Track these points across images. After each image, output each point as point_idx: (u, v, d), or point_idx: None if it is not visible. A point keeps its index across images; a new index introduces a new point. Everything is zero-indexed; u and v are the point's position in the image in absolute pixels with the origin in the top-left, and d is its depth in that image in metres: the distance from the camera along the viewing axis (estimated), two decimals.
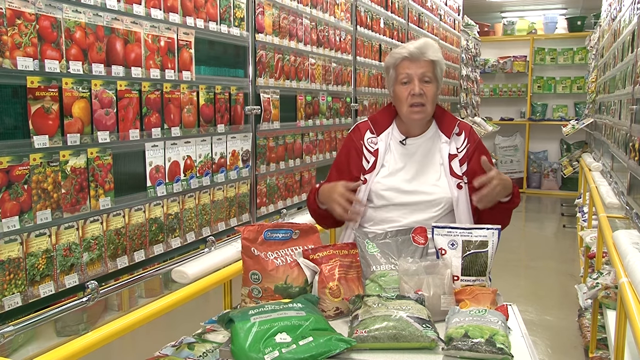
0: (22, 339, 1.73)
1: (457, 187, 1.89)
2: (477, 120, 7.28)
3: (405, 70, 1.88)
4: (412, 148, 1.96)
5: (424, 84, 1.87)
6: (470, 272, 1.69)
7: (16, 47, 1.31)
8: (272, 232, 1.72)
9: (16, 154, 1.32)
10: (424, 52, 1.87)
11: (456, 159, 1.92)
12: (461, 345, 1.34)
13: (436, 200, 1.88)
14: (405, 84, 1.88)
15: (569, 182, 8.53)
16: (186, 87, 1.86)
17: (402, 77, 1.89)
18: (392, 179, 1.92)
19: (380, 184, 1.91)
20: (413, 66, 1.87)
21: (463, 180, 1.90)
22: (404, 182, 1.91)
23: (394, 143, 1.97)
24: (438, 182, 1.91)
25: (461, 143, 1.95)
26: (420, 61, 1.87)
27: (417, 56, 1.87)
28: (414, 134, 1.97)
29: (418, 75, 1.86)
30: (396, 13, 4.15)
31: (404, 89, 1.89)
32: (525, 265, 5.36)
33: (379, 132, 1.98)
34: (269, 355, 1.28)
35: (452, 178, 1.90)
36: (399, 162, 1.94)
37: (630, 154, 2.86)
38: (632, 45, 3.16)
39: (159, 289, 2.29)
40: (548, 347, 3.56)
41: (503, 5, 8.96)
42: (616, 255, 2.18)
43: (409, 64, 1.88)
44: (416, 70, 1.87)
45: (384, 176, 1.93)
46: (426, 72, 1.87)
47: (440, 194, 1.89)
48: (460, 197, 1.89)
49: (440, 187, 1.90)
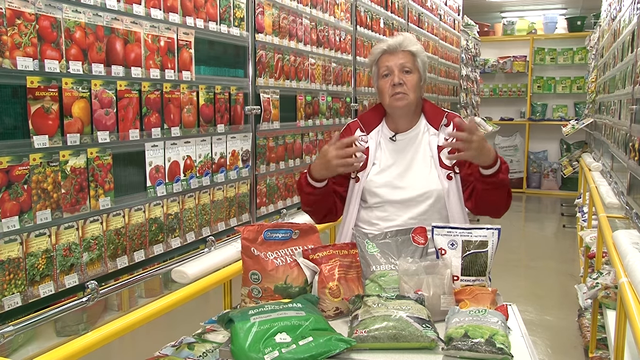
0: (22, 339, 1.73)
1: (447, 177, 1.89)
2: (477, 120, 7.28)
3: (385, 63, 1.91)
4: (402, 144, 1.96)
5: (404, 74, 1.89)
6: (470, 272, 1.69)
7: (16, 47, 1.31)
8: (272, 232, 1.71)
9: (16, 154, 1.32)
10: (401, 44, 1.91)
11: (445, 150, 1.91)
12: (461, 345, 1.34)
13: (427, 193, 1.88)
14: (387, 76, 1.91)
15: (569, 182, 8.53)
16: (186, 87, 1.86)
17: (383, 70, 1.91)
18: (384, 175, 1.93)
19: (372, 181, 1.92)
20: (392, 58, 1.90)
21: (453, 171, 1.90)
22: (396, 178, 1.92)
23: (384, 140, 1.98)
24: (429, 175, 1.91)
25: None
26: (398, 53, 1.91)
27: (395, 48, 1.91)
28: (402, 129, 1.97)
29: (398, 66, 1.89)
30: (396, 13, 4.15)
31: (385, 81, 1.91)
32: (525, 265, 5.36)
33: (369, 130, 1.99)
34: (268, 355, 1.28)
35: (442, 169, 1.90)
36: (389, 159, 1.95)
37: (630, 154, 2.86)
38: (632, 45, 3.16)
39: (159, 289, 2.29)
40: (548, 347, 3.56)
41: (503, 5, 8.96)
42: (616, 255, 2.18)
43: (388, 56, 1.91)
44: (396, 61, 1.89)
45: (376, 173, 1.94)
46: (405, 62, 1.89)
47: (431, 186, 1.89)
48: (451, 188, 1.89)
49: (430, 180, 1.90)
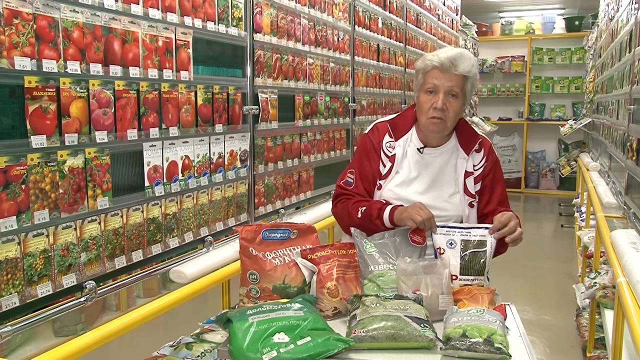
0: (19, 339, 1.72)
1: (469, 205, 1.85)
2: (475, 120, 7.28)
3: (433, 80, 1.79)
4: (429, 158, 1.89)
5: (449, 98, 1.78)
6: (469, 272, 1.69)
7: (13, 47, 1.30)
8: (270, 232, 1.71)
9: (14, 154, 1.31)
10: (455, 65, 1.76)
11: (471, 177, 1.86)
12: (459, 344, 1.34)
13: (447, 216, 1.83)
14: (430, 93, 1.80)
15: (567, 181, 8.55)
16: (184, 87, 1.86)
17: (429, 86, 1.80)
18: (404, 189, 1.87)
19: (392, 192, 1.86)
20: (442, 77, 1.77)
21: (475, 199, 1.86)
22: (417, 195, 1.85)
23: (411, 150, 1.90)
24: (451, 198, 1.86)
25: (479, 161, 1.89)
26: (450, 74, 1.77)
27: (448, 68, 1.77)
28: (432, 144, 1.89)
29: (445, 88, 1.77)
30: (394, 13, 4.15)
31: (427, 98, 1.80)
32: (523, 265, 5.36)
33: (398, 137, 1.91)
34: (267, 355, 1.28)
35: (464, 196, 1.85)
36: (413, 171, 1.88)
37: (627, 153, 2.86)
38: (629, 45, 3.16)
39: (157, 289, 2.28)
40: (546, 347, 3.56)
41: (501, 5, 8.97)
42: (614, 255, 2.18)
43: (439, 74, 1.78)
44: (444, 82, 1.77)
45: (397, 184, 1.87)
46: (454, 86, 1.77)
47: (452, 211, 1.85)
48: (471, 215, 1.86)
49: (452, 203, 1.86)
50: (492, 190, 1.89)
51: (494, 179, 1.90)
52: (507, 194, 1.95)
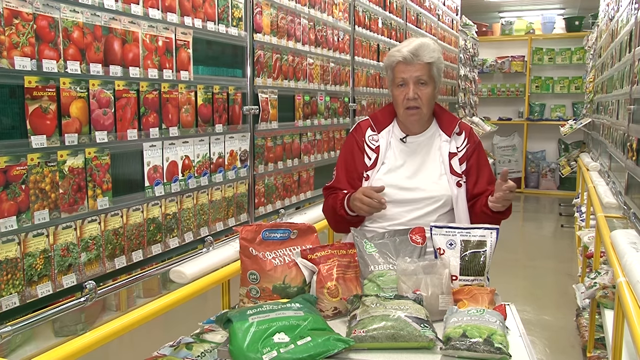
0: (19, 339, 1.72)
1: (456, 185, 1.92)
2: (475, 120, 7.28)
3: (401, 74, 1.90)
4: (412, 146, 1.98)
5: (419, 86, 1.89)
6: (469, 272, 1.69)
7: (14, 47, 1.30)
8: (270, 232, 1.72)
9: (14, 154, 1.31)
10: (418, 55, 1.88)
11: (456, 158, 1.95)
12: (459, 344, 1.34)
13: (436, 197, 1.91)
14: (402, 86, 1.91)
15: (567, 181, 8.54)
16: (184, 87, 1.86)
17: (398, 80, 1.92)
18: (393, 175, 1.94)
19: (381, 180, 1.93)
20: (408, 70, 1.88)
21: (462, 179, 1.93)
22: (405, 179, 1.93)
23: (395, 140, 2.00)
24: (439, 179, 1.94)
25: (461, 142, 1.98)
26: (414, 64, 1.88)
27: (411, 60, 1.88)
28: (414, 132, 1.99)
29: (413, 79, 1.88)
30: (394, 13, 4.15)
31: (399, 91, 1.92)
32: (523, 265, 5.36)
33: (380, 129, 2.01)
34: (267, 355, 1.28)
35: (452, 176, 1.93)
36: (399, 159, 1.97)
37: (627, 153, 2.86)
38: (629, 46, 3.16)
39: (157, 289, 2.28)
40: (546, 347, 3.56)
41: (501, 5, 8.97)
42: (614, 255, 2.18)
43: (404, 67, 1.89)
44: (411, 74, 1.88)
45: (384, 173, 1.95)
46: (421, 75, 1.88)
47: (440, 191, 1.91)
48: (460, 195, 1.92)
49: (440, 184, 1.93)
50: (478, 170, 1.97)
51: (479, 159, 1.99)
52: (495, 176, 2.00)
